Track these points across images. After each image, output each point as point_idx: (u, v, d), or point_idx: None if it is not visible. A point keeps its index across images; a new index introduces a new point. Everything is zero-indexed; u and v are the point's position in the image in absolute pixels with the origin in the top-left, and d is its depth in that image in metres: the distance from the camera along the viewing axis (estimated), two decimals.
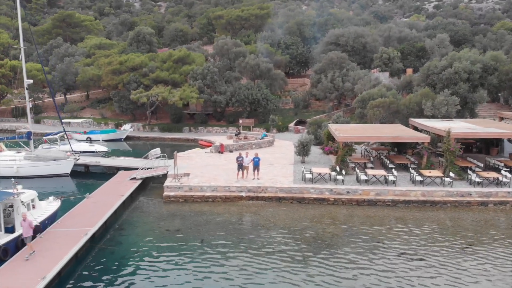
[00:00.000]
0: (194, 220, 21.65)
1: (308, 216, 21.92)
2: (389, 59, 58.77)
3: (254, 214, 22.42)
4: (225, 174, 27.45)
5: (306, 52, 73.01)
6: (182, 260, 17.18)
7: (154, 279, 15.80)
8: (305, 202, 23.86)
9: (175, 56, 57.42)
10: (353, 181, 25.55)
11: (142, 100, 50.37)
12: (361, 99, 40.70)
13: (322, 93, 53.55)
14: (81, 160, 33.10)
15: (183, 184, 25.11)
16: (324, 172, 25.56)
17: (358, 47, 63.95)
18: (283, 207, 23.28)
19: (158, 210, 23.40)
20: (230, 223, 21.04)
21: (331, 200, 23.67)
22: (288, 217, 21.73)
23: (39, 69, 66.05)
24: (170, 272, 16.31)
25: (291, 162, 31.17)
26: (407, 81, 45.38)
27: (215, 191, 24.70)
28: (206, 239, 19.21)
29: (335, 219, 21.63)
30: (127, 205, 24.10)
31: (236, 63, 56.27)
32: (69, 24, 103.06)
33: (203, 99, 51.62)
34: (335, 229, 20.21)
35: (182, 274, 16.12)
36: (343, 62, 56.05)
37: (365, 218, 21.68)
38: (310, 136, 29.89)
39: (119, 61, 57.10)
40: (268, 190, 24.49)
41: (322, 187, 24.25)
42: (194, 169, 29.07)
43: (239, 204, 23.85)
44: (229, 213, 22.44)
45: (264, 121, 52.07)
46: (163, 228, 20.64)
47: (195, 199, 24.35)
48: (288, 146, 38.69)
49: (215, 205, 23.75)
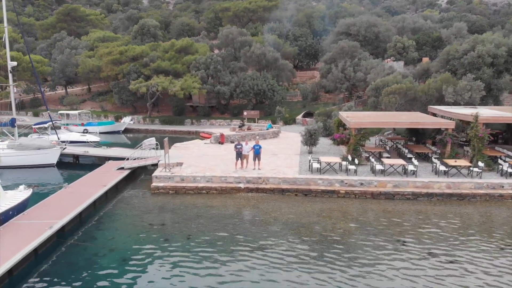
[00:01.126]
0: (183, 213, 18.81)
1: (315, 210, 18.94)
2: (404, 49, 55.39)
3: (253, 207, 19.51)
4: (223, 165, 24.57)
5: (315, 44, 69.88)
6: (163, 258, 14.36)
7: (127, 280, 13.02)
8: (311, 194, 20.87)
9: (178, 45, 54.71)
10: (367, 172, 22.49)
11: (142, 90, 47.74)
12: (375, 87, 37.49)
13: (332, 84, 50.36)
14: (69, 150, 30.54)
15: (174, 174, 22.28)
16: (334, 161, 22.54)
17: (371, 36, 60.65)
18: (286, 200, 20.33)
19: (144, 203, 20.62)
20: (225, 217, 18.15)
21: (342, 193, 20.65)
22: (292, 211, 18.78)
23: (39, 61, 64.08)
24: (146, 272, 13.50)
25: (297, 153, 28.19)
26: (424, 69, 42.02)
27: (210, 182, 21.83)
28: (195, 234, 16.35)
29: (347, 213, 18.63)
30: (110, 197, 21.36)
31: (242, 52, 53.32)
32: (74, 19, 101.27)
33: (206, 90, 48.81)
34: (347, 225, 17.21)
35: (160, 274, 13.30)
36: (355, 51, 52.81)
37: (382, 213, 18.64)
38: (318, 124, 26.89)
39: (119, 51, 54.58)
40: (269, 181, 21.55)
41: (331, 178, 21.23)
42: (188, 159, 26.25)
43: (237, 197, 20.95)
44: (224, 206, 19.55)
45: (270, 114, 49.10)
46: (146, 222, 17.83)
47: (187, 190, 21.50)
48: (295, 138, 35.68)
49: (210, 198, 20.89)
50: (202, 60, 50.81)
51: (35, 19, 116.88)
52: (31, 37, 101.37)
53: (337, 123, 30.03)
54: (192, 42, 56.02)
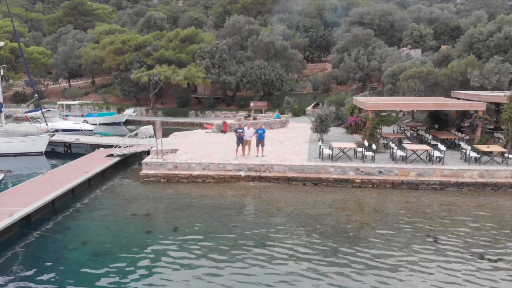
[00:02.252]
0: (173, 203, 16.29)
1: (326, 201, 16.27)
2: (421, 37, 52.18)
3: (254, 197, 16.91)
4: (223, 152, 22.01)
5: (327, 35, 66.99)
6: (141, 253, 11.85)
7: (95, 277, 10.54)
8: (322, 184, 18.20)
9: (182, 34, 52.32)
10: (386, 160, 19.73)
11: (143, 80, 45.42)
12: (391, 73, 34.63)
13: (345, 74, 47.49)
14: (59, 137, 28.32)
15: (166, 160, 19.77)
16: (348, 147, 19.82)
17: (385, 25, 57.60)
18: (293, 190, 17.69)
19: (131, 192, 18.16)
20: (220, 208, 15.58)
21: (357, 182, 17.92)
22: (299, 202, 16.13)
23: (41, 52, 62.31)
24: (119, 268, 11.01)
25: (306, 141, 25.51)
26: (444, 55, 38.98)
27: (207, 170, 19.27)
28: (183, 226, 13.81)
29: (364, 205, 15.92)
30: (95, 185, 18.94)
31: (249, 41, 50.70)
32: (81, 13, 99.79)
33: (211, 80, 46.31)
34: (364, 217, 14.51)
35: (135, 271, 10.79)
36: (369, 39, 49.88)
37: (405, 205, 15.89)
38: (330, 108, 24.17)
39: (122, 40, 52.39)
40: (274, 168, 18.91)
41: (345, 166, 18.52)
42: (185, 146, 23.74)
43: (236, 186, 18.37)
44: (221, 196, 16.98)
45: (279, 105, 46.37)
46: (129, 212, 15.35)
47: (181, 179, 18.97)
48: (304, 127, 32.97)
49: (206, 187, 18.33)
50: (207, 48, 48.35)
51: (43, 15, 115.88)
52: (38, 31, 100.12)
53: (351, 110, 27.27)
54: (197, 31, 53.58)
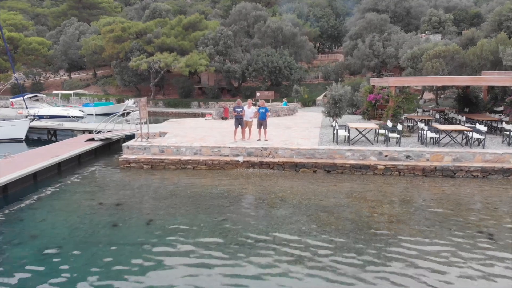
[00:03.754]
0: (153, 191, 13.27)
1: (343, 191, 13.09)
2: (440, 23, 48.55)
3: (253, 185, 13.80)
4: (219, 136, 18.95)
5: (338, 25, 63.61)
6: (98, 252, 8.82)
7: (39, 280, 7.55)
8: (336, 171, 15.02)
9: (185, 21, 49.40)
10: (414, 143, 16.49)
11: (142, 68, 42.58)
12: (412, 56, 31.27)
13: (359, 62, 44.17)
14: (41, 123, 25.59)
15: (151, 144, 16.77)
16: (368, 127, 16.61)
17: (401, 12, 54.06)
18: (301, 178, 14.54)
19: (106, 179, 15.19)
20: (209, 197, 12.51)
21: (380, 169, 14.71)
22: (308, 191, 12.99)
23: (40, 43, 59.95)
24: (70, 270, 7.99)
25: (316, 126, 22.36)
26: (468, 38, 35.40)
27: (199, 155, 16.22)
28: (159, 219, 10.77)
29: (390, 195, 12.71)
30: (66, 171, 16.01)
31: (256, 27, 47.59)
32: (85, 6, 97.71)
33: (214, 68, 43.33)
34: (392, 210, 11.31)
35: (85, 274, 7.76)
36: (384, 25, 46.50)
37: (442, 195, 12.65)
38: (346, 88, 20.97)
39: (122, 27, 49.67)
40: (278, 153, 15.78)
41: (365, 150, 15.30)
42: (177, 129, 20.76)
43: (233, 173, 15.28)
44: (213, 184, 13.91)
45: (287, 95, 43.26)
46: (96, 201, 12.35)
47: (168, 165, 15.94)
48: (314, 115, 29.86)
49: (196, 174, 15.28)
50: (211, 35, 45.39)
51: (49, 9, 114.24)
52: (44, 26, 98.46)
53: (368, 92, 24.03)
54: (201, 17, 50.59)
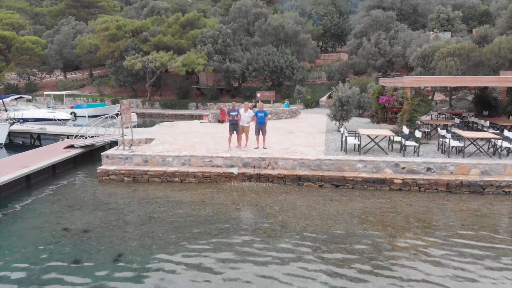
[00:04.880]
0: (129, 212, 11.24)
1: (355, 212, 11.04)
2: (448, 20, 46.46)
3: (249, 205, 11.76)
4: (212, 142, 16.92)
5: (341, 23, 61.55)
6: None
7: None
8: (346, 185, 12.97)
9: (183, 19, 47.37)
10: (434, 152, 14.43)
11: (137, 67, 40.60)
12: (422, 55, 29.18)
13: (364, 61, 42.13)
14: (21, 127, 23.63)
15: (134, 153, 14.73)
16: (381, 134, 14.54)
17: (407, 10, 52.06)
18: (305, 194, 12.50)
19: (79, 195, 13.15)
20: (196, 222, 10.47)
21: (397, 183, 12.65)
22: (314, 213, 10.93)
23: (34, 42, 58.03)
24: None
25: (321, 131, 20.30)
26: (481, 36, 33.27)
27: (187, 165, 14.18)
28: (130, 253, 8.73)
29: (411, 218, 10.63)
30: (36, 185, 14.02)
31: (256, 25, 45.56)
32: (84, 5, 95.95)
33: (213, 67, 41.31)
34: (417, 241, 9.22)
35: None
36: (390, 23, 44.43)
37: (474, 217, 10.57)
38: (353, 89, 18.95)
39: (117, 25, 47.71)
40: (279, 164, 13.74)
41: (379, 160, 13.24)
42: (165, 135, 18.72)
43: (226, 188, 13.23)
44: (201, 203, 11.87)
45: (289, 96, 41.21)
46: (62, 226, 10.34)
47: (152, 177, 13.91)
48: (318, 118, 27.81)
49: (184, 188, 13.24)
50: (210, 33, 43.37)
51: (47, 9, 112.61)
52: (43, 26, 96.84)
53: (377, 93, 21.95)
54: (199, 15, 48.55)
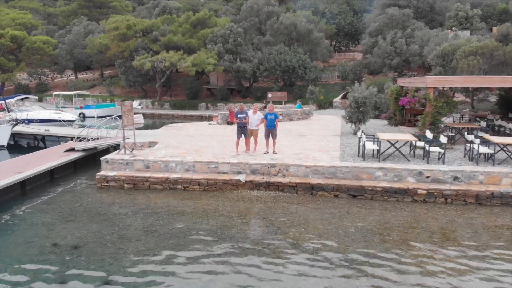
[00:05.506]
0: (126, 226, 10.28)
1: (376, 229, 9.89)
2: (467, 19, 44.80)
3: (257, 217, 10.71)
4: (219, 146, 15.91)
5: (356, 22, 60.13)
6: None
7: None
8: (364, 196, 11.83)
9: (194, 18, 46.56)
10: (460, 159, 13.19)
11: (146, 67, 39.85)
12: (441, 53, 27.81)
13: (379, 60, 40.72)
14: (25, 128, 22.97)
15: (135, 157, 13.80)
16: (403, 139, 13.35)
17: (424, 7, 50.42)
18: (319, 205, 11.40)
19: (76, 203, 12.24)
20: (196, 238, 9.44)
21: (421, 194, 11.47)
22: (330, 228, 9.82)
23: (45, 41, 57.87)
24: None
25: (336, 134, 19.15)
26: (502, 34, 31.68)
27: (191, 172, 13.19)
28: (122, 273, 7.75)
29: (439, 235, 9.46)
30: (33, 191, 13.19)
31: (268, 24, 44.49)
32: (96, 5, 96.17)
33: (223, 67, 40.38)
34: (449, 269, 8.06)
35: None
36: (407, 21, 42.96)
37: (508, 235, 9.36)
38: (371, 89, 17.76)
39: (127, 25, 47.14)
40: (290, 171, 12.66)
41: (400, 168, 12.07)
42: (170, 138, 17.79)
43: (232, 197, 12.20)
44: (203, 214, 10.86)
45: (301, 96, 40.05)
46: (51, 241, 9.41)
47: (153, 184, 12.96)
48: (332, 120, 26.65)
49: (187, 197, 12.25)
50: (220, 32, 42.46)
51: (59, 9, 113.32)
52: (56, 26, 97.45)
53: (395, 94, 20.73)
54: (210, 14, 47.70)
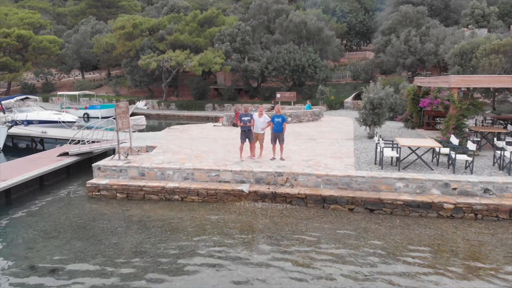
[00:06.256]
0: (112, 245, 9.11)
1: (397, 251, 8.58)
2: (483, 17, 43.06)
3: (261, 235, 9.45)
4: (222, 151, 14.69)
5: (367, 20, 58.58)
6: None
7: None
8: (383, 210, 10.52)
9: (201, 17, 45.47)
10: (489, 168, 11.81)
11: (152, 67, 38.82)
12: (460, 52, 26.28)
13: (392, 59, 39.17)
14: (22, 130, 22.02)
15: (130, 164, 12.65)
16: (426, 146, 11.99)
17: (439, 5, 48.70)
18: (332, 220, 10.12)
19: (62, 216, 11.11)
20: (193, 261, 8.21)
21: (448, 209, 10.12)
22: (345, 251, 8.54)
23: (51, 41, 57.30)
24: None
25: (348, 137, 17.82)
26: None
27: (190, 180, 11.99)
28: None
29: (471, 261, 8.13)
30: (19, 200, 12.12)
31: (277, 22, 43.20)
32: (104, 5, 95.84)
33: (230, 67, 39.20)
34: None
35: None
36: (421, 18, 41.38)
37: None
38: (387, 89, 16.40)
39: (133, 24, 46.23)
40: (299, 180, 11.40)
41: (424, 179, 10.73)
42: (170, 142, 16.59)
43: (234, 210, 10.97)
44: (201, 231, 9.64)
45: (311, 97, 38.69)
46: (28, 262, 8.28)
47: (148, 194, 11.79)
48: (343, 121, 25.30)
49: (184, 209, 11.05)
50: (228, 31, 41.30)
51: (68, 8, 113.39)
52: (64, 26, 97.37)
53: (412, 94, 19.32)
54: (218, 12, 46.57)
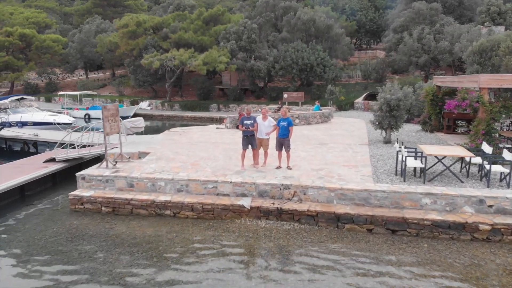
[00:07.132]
0: (89, 273, 7.70)
1: (427, 285, 7.09)
2: (500, 14, 41.20)
3: (264, 265, 7.98)
4: (223, 158, 13.25)
5: (377, 18, 56.87)
6: None
7: None
8: (408, 231, 8.99)
9: (206, 14, 44.12)
10: None
11: (155, 66, 37.52)
12: (478, 50, 24.59)
13: (405, 58, 37.48)
14: (13, 133, 20.79)
15: (118, 173, 11.26)
16: (455, 155, 10.44)
17: (453, 2, 46.82)
18: (347, 245, 8.62)
19: (37, 234, 9.72)
20: None
21: (484, 230, 8.58)
22: (366, 286, 7.06)
23: (55, 40, 56.37)
24: None
25: (362, 142, 16.27)
26: None
27: (184, 192, 10.56)
28: None
29: None
30: None
31: (284, 20, 41.71)
32: (110, 4, 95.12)
33: (236, 66, 37.77)
34: None
35: None
36: (435, 16, 39.63)
37: None
38: (405, 90, 14.86)
39: (136, 22, 45.05)
40: (308, 194, 9.91)
41: (454, 194, 9.20)
42: (166, 147, 15.15)
43: (233, 229, 9.50)
44: (194, 258, 8.21)
45: (319, 97, 37.14)
46: None
47: (136, 208, 10.38)
48: (355, 123, 23.75)
49: (175, 228, 9.62)
50: (234, 29, 39.90)
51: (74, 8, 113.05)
52: (70, 25, 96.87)
53: (431, 95, 17.74)
54: (224, 10, 45.19)
